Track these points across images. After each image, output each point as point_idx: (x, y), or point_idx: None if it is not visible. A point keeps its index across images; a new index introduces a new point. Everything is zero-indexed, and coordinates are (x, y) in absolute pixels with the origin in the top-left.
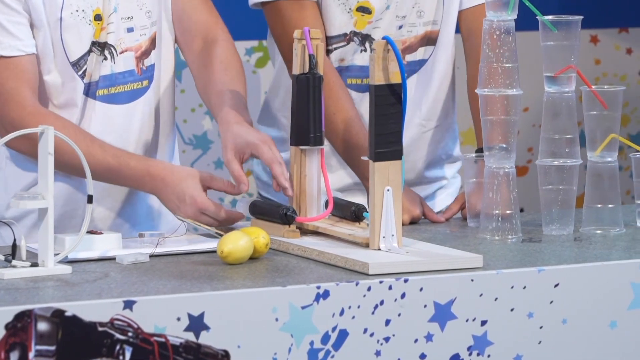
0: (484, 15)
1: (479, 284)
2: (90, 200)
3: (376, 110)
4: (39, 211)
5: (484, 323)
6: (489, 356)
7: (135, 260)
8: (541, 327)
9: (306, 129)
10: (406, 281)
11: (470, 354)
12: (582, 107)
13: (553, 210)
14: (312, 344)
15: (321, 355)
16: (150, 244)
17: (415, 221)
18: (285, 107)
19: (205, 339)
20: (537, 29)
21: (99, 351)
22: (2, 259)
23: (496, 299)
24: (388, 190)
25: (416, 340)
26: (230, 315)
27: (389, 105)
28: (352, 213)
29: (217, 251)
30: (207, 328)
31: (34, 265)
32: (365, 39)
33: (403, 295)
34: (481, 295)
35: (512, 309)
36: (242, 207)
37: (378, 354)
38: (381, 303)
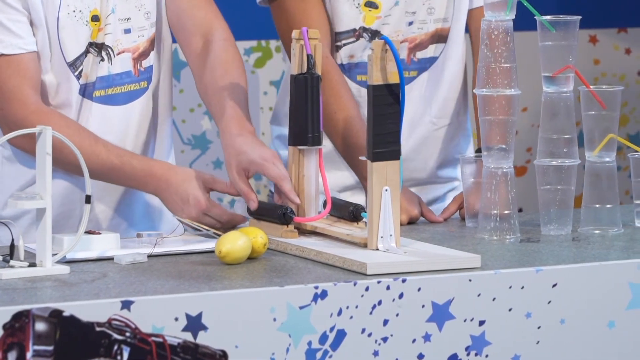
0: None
1: (477, 284)
2: (88, 200)
3: (374, 110)
4: (37, 211)
5: (482, 323)
6: (487, 356)
7: (133, 261)
8: (539, 327)
9: (304, 129)
10: (404, 281)
11: (468, 354)
12: (581, 107)
13: (551, 210)
14: (310, 344)
15: (319, 355)
16: (149, 244)
17: (414, 221)
18: None
19: (203, 339)
20: (535, 29)
21: (96, 351)
22: (0, 259)
23: (494, 299)
24: (386, 190)
25: (414, 341)
26: (228, 315)
27: (387, 105)
28: (350, 213)
29: (215, 251)
30: (204, 328)
31: (32, 265)
32: (374, 35)
33: (401, 296)
34: (479, 295)
35: (510, 309)
36: (240, 207)
37: (376, 354)
38: (379, 303)
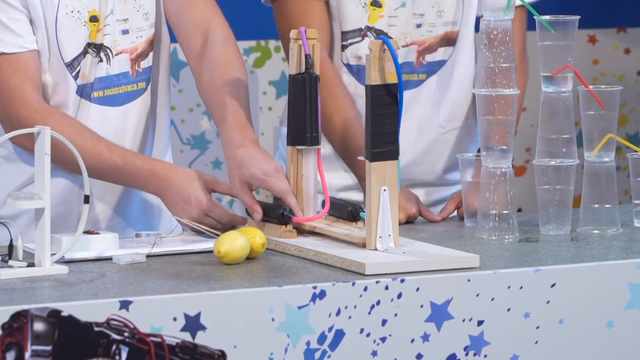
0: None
1: (476, 284)
2: (87, 200)
3: (372, 110)
4: (36, 211)
5: (480, 323)
6: (485, 356)
7: (132, 261)
8: (538, 327)
9: (303, 129)
10: (402, 281)
11: (466, 354)
12: (580, 107)
13: (550, 210)
14: (308, 344)
15: (317, 355)
16: (147, 244)
17: (412, 220)
18: None
19: (201, 339)
20: (534, 28)
21: (95, 351)
22: None
23: (493, 299)
24: (384, 190)
25: (413, 341)
26: (227, 315)
27: (385, 105)
28: (348, 213)
29: (213, 251)
30: (203, 328)
31: (31, 265)
32: (380, 35)
33: (399, 296)
34: (478, 295)
35: (508, 309)
36: (239, 207)
37: (374, 354)
38: (377, 303)
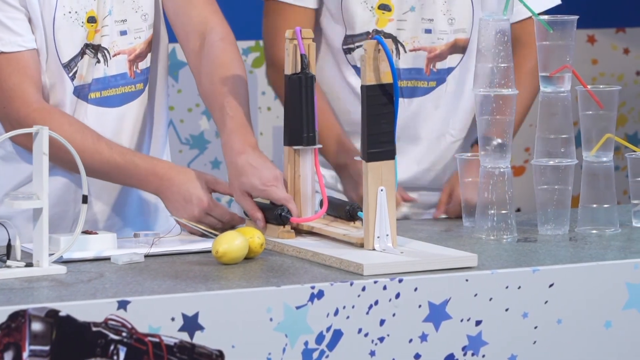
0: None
1: (474, 284)
2: (85, 200)
3: (368, 110)
4: (34, 211)
5: (478, 323)
6: (483, 356)
7: (130, 261)
8: (536, 327)
9: (299, 129)
10: (401, 281)
11: (465, 354)
12: (578, 107)
13: (548, 210)
14: (306, 344)
15: (315, 355)
16: (145, 244)
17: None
18: None
19: (199, 339)
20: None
21: (93, 351)
22: None
23: (491, 299)
24: (382, 190)
25: (411, 340)
26: (225, 315)
27: (380, 105)
28: (346, 212)
29: (212, 251)
30: (201, 328)
31: (29, 265)
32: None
33: (397, 295)
34: (476, 295)
35: (506, 309)
36: (237, 208)
37: (372, 354)
38: (376, 303)
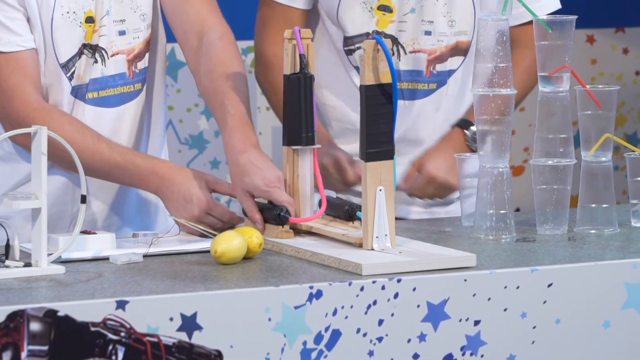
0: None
1: (472, 283)
2: (83, 200)
3: (367, 110)
4: (32, 211)
5: (477, 323)
6: (482, 356)
7: (128, 260)
8: (534, 327)
9: (298, 129)
10: (399, 281)
11: (463, 354)
12: (577, 106)
13: (547, 210)
14: (305, 344)
15: (314, 355)
16: (144, 244)
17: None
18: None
19: (198, 339)
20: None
21: (91, 351)
22: None
23: (489, 298)
24: (380, 190)
25: (409, 340)
26: (223, 315)
27: (379, 105)
28: (345, 212)
29: (210, 251)
30: (199, 328)
31: (27, 265)
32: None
33: (396, 295)
34: (474, 295)
35: (505, 309)
36: (236, 207)
37: (371, 354)
38: (374, 303)
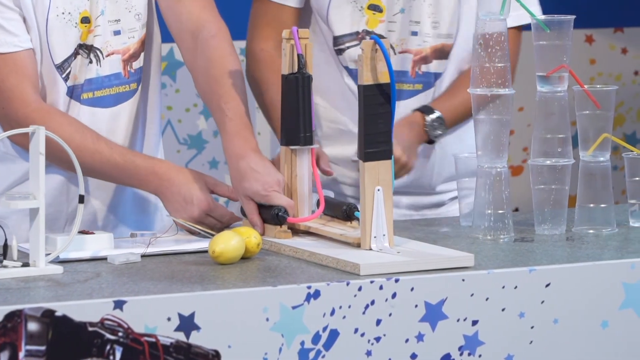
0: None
1: (470, 283)
2: (81, 200)
3: (365, 110)
4: (30, 211)
5: (475, 323)
6: (480, 356)
7: (126, 260)
8: (532, 327)
9: (296, 129)
10: (397, 281)
11: (461, 354)
12: (575, 106)
13: (545, 210)
14: (302, 344)
15: (312, 355)
16: (142, 244)
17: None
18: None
19: (195, 339)
20: (530, 28)
21: (89, 351)
22: None
23: (487, 298)
24: (378, 190)
25: (407, 340)
26: (221, 315)
27: (377, 105)
28: (343, 212)
29: (208, 251)
30: (197, 328)
31: (25, 265)
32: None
33: (394, 295)
34: (472, 295)
35: (503, 309)
36: (234, 207)
37: (369, 354)
38: (372, 303)
